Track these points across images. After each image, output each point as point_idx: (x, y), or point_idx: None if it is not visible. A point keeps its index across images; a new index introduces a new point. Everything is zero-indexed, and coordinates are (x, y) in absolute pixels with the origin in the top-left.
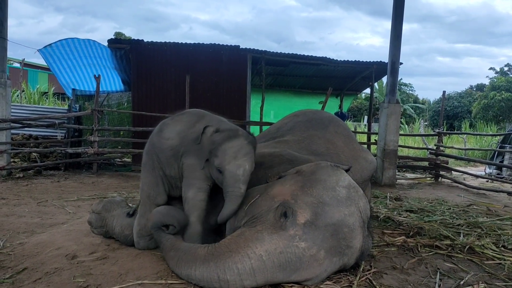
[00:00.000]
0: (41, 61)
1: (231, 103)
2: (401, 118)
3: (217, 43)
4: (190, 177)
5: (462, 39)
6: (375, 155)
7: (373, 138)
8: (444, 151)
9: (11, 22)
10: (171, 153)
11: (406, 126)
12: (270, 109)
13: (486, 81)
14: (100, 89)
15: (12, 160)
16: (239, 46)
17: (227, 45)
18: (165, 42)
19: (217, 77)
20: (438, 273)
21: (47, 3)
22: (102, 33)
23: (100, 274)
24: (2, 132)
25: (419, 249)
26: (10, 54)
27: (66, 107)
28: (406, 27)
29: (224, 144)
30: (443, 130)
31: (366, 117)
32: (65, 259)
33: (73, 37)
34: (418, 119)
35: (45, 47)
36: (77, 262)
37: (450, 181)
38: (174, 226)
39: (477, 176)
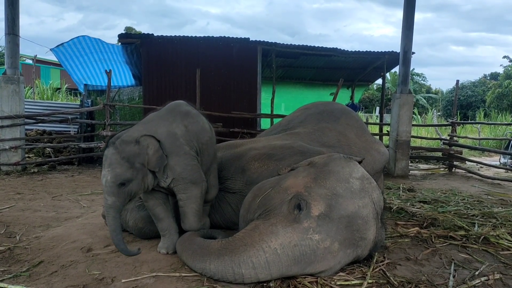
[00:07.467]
0: (53, 58)
1: (242, 96)
2: (413, 108)
3: (227, 36)
4: None
5: (477, 28)
6: (387, 146)
7: (385, 129)
8: (457, 141)
9: (31, 20)
10: None
11: (419, 116)
12: (281, 102)
13: (500, 70)
14: (112, 84)
15: (26, 155)
16: (249, 38)
17: (237, 37)
18: (175, 36)
19: (227, 70)
20: (453, 264)
21: (68, 2)
22: (120, 30)
23: (115, 266)
24: (16, 128)
25: (433, 240)
26: (27, 51)
27: (78, 102)
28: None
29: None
30: (457, 120)
31: (378, 108)
32: (80, 252)
33: (84, 35)
34: (431, 109)
35: (57, 46)
36: (92, 255)
37: (464, 171)
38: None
39: (491, 166)
